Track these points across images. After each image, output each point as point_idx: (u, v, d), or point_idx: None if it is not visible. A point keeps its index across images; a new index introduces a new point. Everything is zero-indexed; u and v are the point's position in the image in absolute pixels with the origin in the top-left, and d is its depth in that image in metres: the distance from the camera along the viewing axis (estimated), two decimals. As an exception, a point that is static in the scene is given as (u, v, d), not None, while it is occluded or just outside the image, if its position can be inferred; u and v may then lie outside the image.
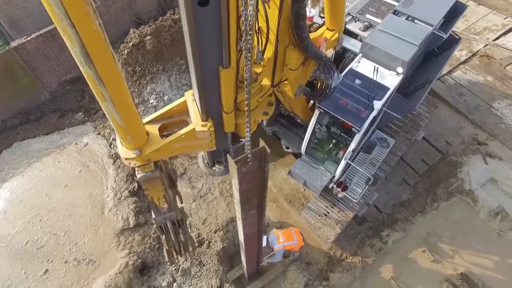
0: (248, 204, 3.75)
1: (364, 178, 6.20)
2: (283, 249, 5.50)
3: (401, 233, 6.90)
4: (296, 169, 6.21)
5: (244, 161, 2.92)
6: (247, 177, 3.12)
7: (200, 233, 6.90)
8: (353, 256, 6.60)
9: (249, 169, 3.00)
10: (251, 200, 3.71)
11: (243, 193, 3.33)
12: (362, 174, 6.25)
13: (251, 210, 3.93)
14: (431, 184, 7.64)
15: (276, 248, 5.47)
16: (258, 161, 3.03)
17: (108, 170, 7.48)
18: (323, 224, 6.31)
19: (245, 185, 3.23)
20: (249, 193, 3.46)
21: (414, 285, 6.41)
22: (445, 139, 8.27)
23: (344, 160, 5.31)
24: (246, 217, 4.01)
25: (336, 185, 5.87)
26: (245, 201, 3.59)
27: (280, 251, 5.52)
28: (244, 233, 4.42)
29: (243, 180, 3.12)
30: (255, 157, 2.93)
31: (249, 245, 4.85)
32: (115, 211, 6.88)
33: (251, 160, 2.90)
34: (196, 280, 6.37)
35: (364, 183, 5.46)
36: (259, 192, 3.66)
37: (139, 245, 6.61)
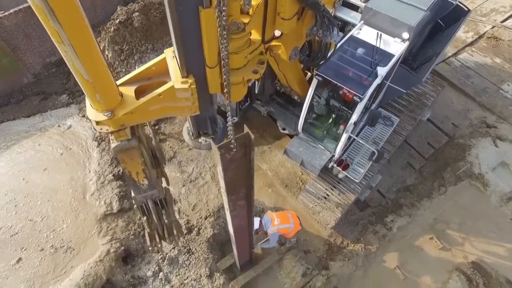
0: (236, 194, 3.53)
1: (366, 156, 5.72)
2: (277, 232, 4.99)
3: (406, 219, 6.40)
4: (293, 148, 5.71)
5: (227, 147, 2.70)
6: (232, 164, 2.93)
7: (190, 219, 6.39)
8: (355, 244, 6.09)
9: (234, 156, 2.81)
10: (238, 190, 3.49)
11: (229, 182, 3.14)
12: (365, 152, 5.76)
13: (239, 201, 3.70)
14: (438, 167, 7.15)
15: (269, 232, 4.96)
16: (243, 147, 2.83)
17: (92, 153, 6.98)
18: (323, 208, 5.81)
19: (231, 174, 3.04)
20: (235, 182, 3.25)
21: (421, 274, 5.90)
22: (451, 122, 7.78)
23: (346, 134, 4.82)
24: (235, 208, 3.77)
25: (336, 164, 5.38)
26: (232, 191, 3.39)
27: (275, 234, 5.01)
28: (234, 226, 4.17)
29: (228, 168, 2.94)
30: (239, 143, 2.70)
31: (240, 238, 4.61)
32: (97, 196, 6.37)
33: (235, 146, 2.67)
34: (184, 270, 5.85)
35: (367, 159, 4.96)
36: (246, 181, 3.41)
37: (122, 231, 6.10)
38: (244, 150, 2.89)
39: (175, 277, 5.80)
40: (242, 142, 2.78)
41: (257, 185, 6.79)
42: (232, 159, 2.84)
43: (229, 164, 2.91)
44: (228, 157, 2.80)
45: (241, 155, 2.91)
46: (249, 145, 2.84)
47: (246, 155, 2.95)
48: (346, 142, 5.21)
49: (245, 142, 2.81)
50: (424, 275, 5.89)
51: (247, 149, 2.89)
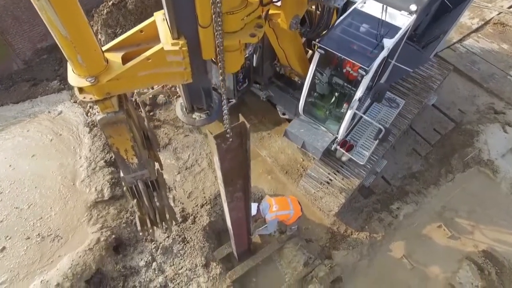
0: (233, 186, 3.48)
1: (371, 138, 5.42)
2: (276, 219, 4.67)
3: (413, 206, 6.09)
4: (293, 129, 5.41)
5: (223, 137, 2.67)
6: (228, 155, 2.89)
7: (185, 207, 6.07)
8: (359, 232, 5.78)
9: (230, 146, 2.78)
10: (235, 181, 3.44)
11: (225, 173, 3.10)
12: (370, 134, 5.46)
13: (236, 193, 3.65)
14: (445, 154, 6.85)
15: (268, 218, 4.65)
16: (239, 138, 2.80)
17: (83, 139, 6.67)
18: (325, 194, 5.49)
19: (227, 164, 3.00)
20: (232, 172, 3.20)
21: (429, 264, 5.58)
22: (458, 108, 7.49)
23: (350, 110, 4.51)
24: (232, 200, 3.72)
25: (339, 145, 5.07)
26: (229, 182, 3.33)
27: (273, 221, 4.69)
28: (232, 219, 4.12)
29: (225, 158, 2.89)
30: (235, 133, 2.68)
31: (238, 229, 4.47)
32: (88, 182, 6.06)
33: (231, 136, 2.65)
34: (179, 259, 5.53)
35: (373, 139, 4.65)
36: (243, 172, 3.36)
37: (114, 219, 5.77)
38: (240, 140, 2.83)
39: (169, 267, 5.48)
40: (238, 132, 2.72)
41: (256, 172, 6.48)
42: (228, 149, 2.79)
43: (226, 154, 2.86)
44: (225, 147, 2.74)
45: (237, 145, 2.85)
46: (245, 134, 2.76)
47: (242, 145, 2.90)
48: (350, 121, 4.91)
49: (241, 132, 2.75)
50: (432, 264, 5.58)
51: (243, 139, 2.83)
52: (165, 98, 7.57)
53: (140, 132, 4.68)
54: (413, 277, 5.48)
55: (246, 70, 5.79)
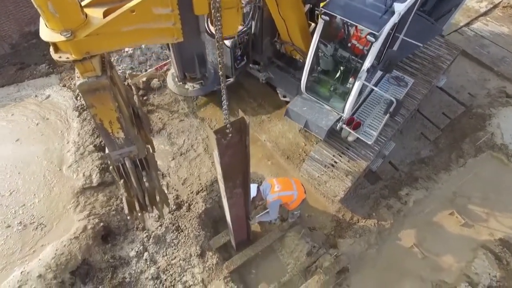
0: (232, 182, 3.47)
1: (379, 116, 5.05)
2: (278, 200, 4.27)
3: (423, 192, 5.70)
4: (295, 107, 5.03)
5: (223, 132, 2.66)
6: (228, 150, 2.90)
7: (179, 194, 5.68)
8: (366, 219, 5.38)
9: (230, 142, 2.79)
10: (235, 177, 3.44)
11: (225, 168, 3.10)
12: (377, 113, 5.09)
13: (236, 189, 3.64)
14: (455, 138, 6.47)
15: (269, 200, 4.25)
16: (239, 133, 2.81)
17: (72, 123, 6.27)
18: (330, 177, 5.10)
19: (227, 159, 3.00)
20: (232, 168, 3.21)
21: (441, 253, 5.19)
22: (467, 92, 7.13)
23: (358, 82, 4.13)
24: (232, 196, 3.70)
25: (346, 123, 4.69)
26: (228, 178, 3.32)
27: (275, 203, 4.29)
28: (232, 216, 4.10)
29: (224, 153, 2.89)
30: (235, 129, 2.69)
31: (238, 226, 4.37)
32: (75, 168, 5.66)
33: (230, 131, 2.65)
34: (172, 249, 5.13)
35: (383, 113, 4.27)
36: (243, 168, 3.36)
37: (102, 206, 5.38)
38: (240, 136, 2.85)
39: (162, 258, 5.08)
40: (238, 127, 2.72)
41: (256, 157, 6.09)
42: (228, 144, 2.80)
43: (226, 150, 2.86)
44: (224, 143, 2.75)
45: (237, 140, 2.86)
46: (245, 130, 2.77)
47: (242, 141, 2.91)
48: (356, 96, 4.52)
49: (240, 127, 2.75)
50: (445, 254, 5.19)
51: (242, 135, 2.85)
52: (159, 82, 7.19)
53: (129, 109, 4.30)
54: (424, 267, 5.09)
55: (245, 45, 5.41)
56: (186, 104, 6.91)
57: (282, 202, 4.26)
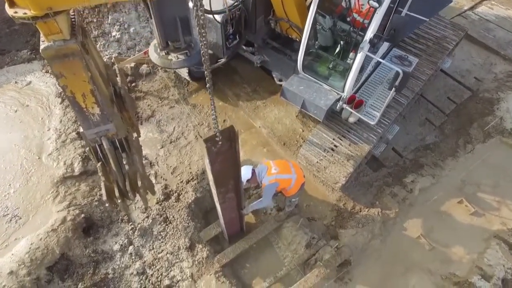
0: (224, 187, 3.52)
1: (382, 96, 4.69)
2: (275, 183, 3.87)
3: (429, 179, 5.33)
4: (291, 86, 4.65)
5: (213, 140, 2.70)
6: (218, 157, 2.94)
7: (168, 184, 5.28)
8: (369, 208, 5.00)
9: (220, 149, 2.83)
10: (226, 183, 3.49)
11: (216, 175, 3.14)
12: (381, 93, 4.72)
13: (228, 193, 3.68)
14: (462, 124, 6.10)
15: (265, 183, 3.85)
16: (228, 141, 2.87)
17: (54, 110, 5.87)
18: (330, 163, 4.72)
19: (218, 166, 3.04)
20: (223, 174, 3.25)
21: (451, 244, 4.82)
22: (473, 76, 6.77)
23: (360, 53, 3.76)
24: (224, 201, 3.73)
25: (347, 102, 4.32)
26: (220, 183, 3.37)
27: (271, 186, 3.88)
28: (225, 220, 4.14)
29: (215, 160, 2.95)
30: (224, 137, 2.73)
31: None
32: (56, 156, 5.26)
33: (220, 139, 2.69)
34: (159, 242, 4.73)
35: (388, 88, 3.90)
36: (234, 174, 3.41)
37: (84, 197, 4.97)
38: (230, 143, 2.87)
39: (148, 251, 4.68)
40: (227, 136, 2.75)
41: (250, 145, 5.71)
42: (218, 152, 2.82)
43: (216, 157, 2.89)
44: (215, 150, 2.78)
45: (227, 148, 2.89)
46: (234, 138, 2.80)
47: (231, 148, 2.93)
48: (358, 72, 4.15)
49: (230, 136, 2.78)
50: (454, 244, 4.81)
51: (232, 143, 2.86)
52: (148, 68, 6.81)
53: (108, 87, 3.93)
54: (432, 259, 4.71)
55: (237, 22, 5.03)
56: (176, 90, 6.53)
57: (278, 186, 3.86)
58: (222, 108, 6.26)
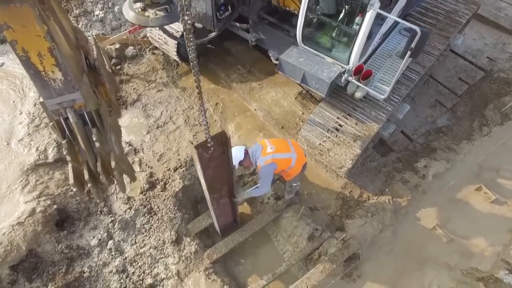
0: (218, 192, 3.42)
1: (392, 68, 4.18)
2: (272, 164, 3.34)
3: (443, 164, 4.81)
4: (290, 58, 4.13)
5: (204, 146, 2.59)
6: (211, 163, 2.87)
7: (154, 172, 4.74)
8: (379, 196, 4.48)
9: (212, 155, 2.73)
10: (220, 188, 3.38)
11: (210, 181, 3.06)
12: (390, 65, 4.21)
13: (222, 199, 3.57)
14: (476, 105, 5.61)
15: (260, 164, 3.32)
16: (221, 146, 2.77)
17: (28, 93, 5.33)
18: (334, 144, 4.20)
19: (211, 172, 2.97)
20: (216, 180, 3.18)
21: (471, 235, 4.29)
22: (486, 56, 6.29)
23: (369, 12, 3.25)
24: (218, 206, 3.61)
25: (353, 73, 3.81)
26: (213, 189, 3.29)
27: (268, 168, 3.32)
28: (220, 225, 3.96)
29: (208, 166, 2.87)
30: (216, 142, 2.62)
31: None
32: (27, 142, 4.71)
33: (212, 145, 2.58)
34: (143, 236, 4.18)
35: (400, 56, 3.39)
36: (227, 179, 3.31)
37: (58, 186, 4.43)
38: (222, 149, 2.81)
39: (130, 247, 4.12)
40: (219, 141, 2.70)
41: (245, 129, 5.18)
42: (211, 157, 2.77)
43: (209, 163, 2.84)
44: (207, 156, 2.72)
45: (220, 153, 2.83)
46: (226, 143, 2.76)
47: (224, 153, 2.88)
48: (365, 40, 3.65)
49: (222, 141, 2.73)
50: (475, 236, 4.29)
51: (224, 148, 2.81)
52: (135, 50, 6.29)
53: (77, 53, 3.41)
54: (451, 252, 4.19)
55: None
56: (165, 73, 6.01)
57: (276, 168, 3.33)
58: (215, 91, 5.74)
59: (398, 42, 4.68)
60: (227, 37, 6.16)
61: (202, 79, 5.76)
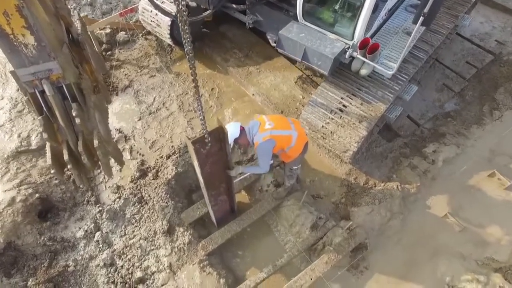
0: (216, 189, 3.33)
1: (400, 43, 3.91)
2: (270, 141, 2.99)
3: (453, 148, 4.53)
4: (290, 33, 3.84)
5: (202, 142, 2.53)
6: (208, 160, 2.78)
7: (145, 160, 4.44)
8: (386, 183, 4.20)
9: (210, 151, 2.66)
10: (218, 185, 3.29)
11: (207, 177, 2.95)
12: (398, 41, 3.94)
13: (220, 196, 3.50)
14: (485, 90, 5.33)
15: (258, 141, 3.01)
16: (218, 142, 2.69)
17: (11, 78, 5.03)
18: (338, 126, 3.91)
19: (209, 168, 2.86)
20: (214, 176, 3.05)
21: (485, 224, 4.00)
22: (494, 39, 6.04)
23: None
24: (216, 203, 3.54)
25: (359, 47, 3.52)
26: (212, 186, 3.18)
27: (266, 146, 2.96)
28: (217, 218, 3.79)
29: (205, 163, 2.78)
30: (213, 138, 2.56)
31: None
32: (9, 128, 4.41)
33: (209, 141, 2.52)
34: (133, 227, 3.87)
35: (412, 22, 3.11)
36: (226, 176, 3.19)
37: (42, 174, 4.12)
38: (220, 145, 2.74)
39: (119, 238, 3.81)
40: (216, 137, 2.63)
41: (242, 114, 4.89)
42: (208, 154, 2.70)
43: (206, 159, 2.77)
44: (204, 152, 2.64)
45: (217, 149, 2.77)
46: (224, 139, 2.68)
47: (222, 149, 2.81)
48: (371, 11, 3.37)
49: (219, 137, 2.66)
50: (489, 224, 4.00)
51: (222, 144, 2.74)
52: (127, 35, 6.00)
53: (58, 24, 3.12)
54: (464, 241, 3.89)
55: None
56: (159, 58, 5.72)
57: (275, 145, 3.03)
58: (210, 76, 5.44)
59: (405, 19, 4.40)
60: (222, 21, 5.89)
61: (197, 64, 5.47)
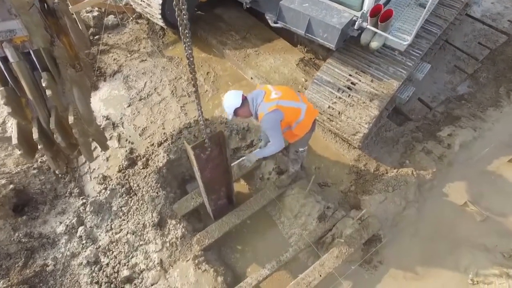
0: (216, 194, 3.25)
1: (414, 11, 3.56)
2: (277, 111, 2.55)
3: (470, 132, 4.17)
4: (292, 3, 3.47)
5: (201, 147, 2.51)
6: (208, 164, 2.73)
7: (135, 148, 4.05)
8: (398, 169, 3.83)
9: (209, 155, 2.64)
10: (218, 189, 3.22)
11: (207, 182, 2.89)
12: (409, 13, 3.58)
13: (220, 200, 3.38)
14: (500, 71, 4.99)
15: (263, 111, 2.56)
16: (218, 146, 2.65)
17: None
18: (346, 105, 3.54)
19: (208, 173, 2.82)
20: (214, 181, 3.01)
21: (508, 212, 3.63)
22: (507, 19, 5.72)
23: None
24: (216, 207, 3.41)
25: (370, 15, 3.16)
26: (212, 191, 3.11)
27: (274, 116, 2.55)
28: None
29: (205, 167, 2.73)
30: (213, 142, 2.54)
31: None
32: (-16, 115, 4.03)
33: (209, 145, 2.51)
34: (120, 220, 3.48)
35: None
36: (226, 180, 3.14)
37: (18, 164, 3.72)
38: (220, 149, 2.67)
39: (105, 234, 3.41)
40: (216, 141, 2.58)
41: (240, 98, 4.52)
42: (208, 158, 2.64)
43: (206, 164, 2.69)
44: (204, 157, 2.59)
45: (217, 153, 2.70)
46: (224, 143, 2.61)
47: (222, 153, 2.73)
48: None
49: (219, 141, 2.59)
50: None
51: (222, 148, 2.67)
52: (116, 19, 5.62)
53: None
54: (487, 232, 3.53)
55: None
56: (150, 42, 5.34)
57: (283, 118, 2.63)
58: (206, 60, 5.07)
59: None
60: (218, 3, 5.54)
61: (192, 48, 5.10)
